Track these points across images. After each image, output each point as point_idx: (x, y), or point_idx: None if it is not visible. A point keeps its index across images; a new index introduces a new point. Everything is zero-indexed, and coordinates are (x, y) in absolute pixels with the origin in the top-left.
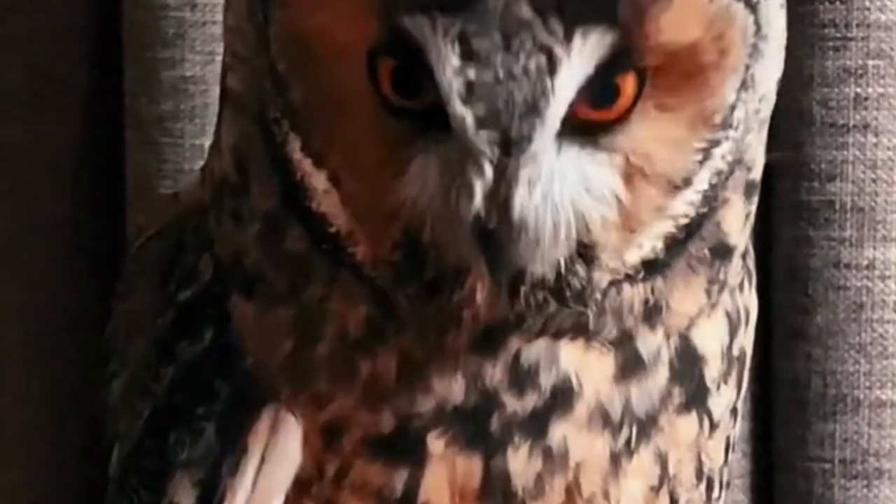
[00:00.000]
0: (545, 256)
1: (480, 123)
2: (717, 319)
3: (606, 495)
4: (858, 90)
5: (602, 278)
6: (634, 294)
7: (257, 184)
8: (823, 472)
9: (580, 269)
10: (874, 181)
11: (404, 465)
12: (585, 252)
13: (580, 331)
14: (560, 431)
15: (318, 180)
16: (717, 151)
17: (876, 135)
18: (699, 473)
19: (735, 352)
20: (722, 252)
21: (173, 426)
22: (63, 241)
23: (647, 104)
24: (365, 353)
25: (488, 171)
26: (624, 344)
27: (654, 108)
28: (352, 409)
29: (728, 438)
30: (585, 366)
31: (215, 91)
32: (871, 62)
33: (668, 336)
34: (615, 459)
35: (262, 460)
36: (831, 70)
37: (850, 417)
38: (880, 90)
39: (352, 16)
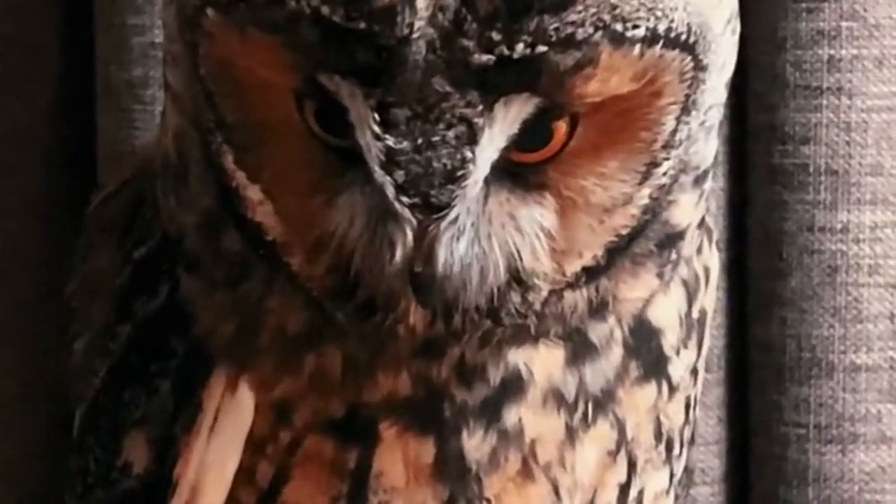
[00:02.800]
0: (475, 292)
1: (400, 189)
2: (674, 291)
3: (562, 462)
4: (832, 52)
5: (538, 297)
6: (577, 297)
7: (195, 179)
8: (798, 438)
9: (514, 294)
10: (848, 144)
11: (356, 445)
12: (519, 278)
13: (522, 336)
14: (514, 414)
15: (253, 191)
16: (659, 171)
17: (850, 97)
18: (658, 435)
19: (695, 315)
20: (671, 240)
21: (129, 384)
22: (37, 211)
23: (580, 142)
24: (308, 349)
25: (408, 232)
26: (573, 336)
27: (588, 144)
28: (300, 393)
29: (688, 398)
30: (534, 357)
31: None
32: (844, 24)
33: (619, 320)
34: (571, 431)
35: (217, 418)
36: (805, 32)
37: (825, 382)
38: (854, 52)
39: (273, 64)
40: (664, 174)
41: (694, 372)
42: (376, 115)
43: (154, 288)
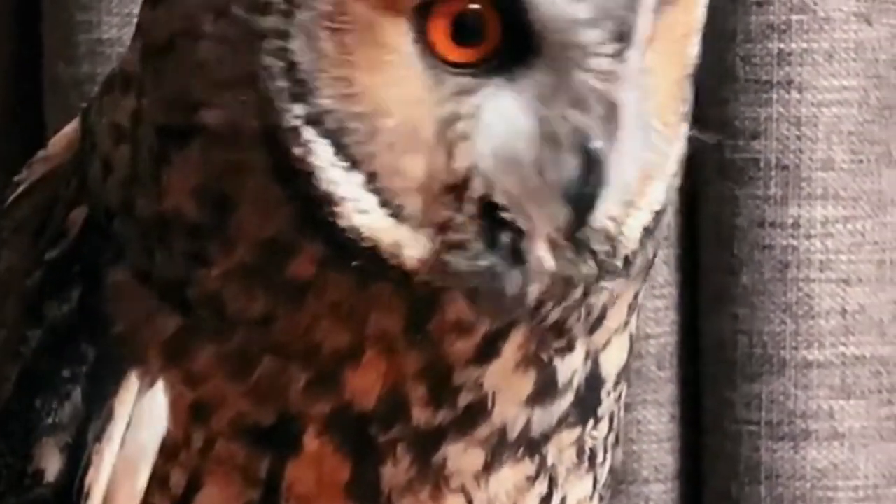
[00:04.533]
0: (619, 191)
1: (589, 23)
2: (622, 342)
3: (477, 485)
4: (782, 46)
5: (625, 250)
6: (603, 297)
7: (249, 214)
8: (750, 434)
9: (623, 228)
10: (798, 138)
11: (269, 453)
12: (626, 213)
13: (560, 331)
14: (451, 450)
15: (351, 187)
16: (682, 130)
17: (800, 91)
18: (580, 453)
19: (627, 368)
20: (649, 266)
21: (40, 390)
22: None
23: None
24: (262, 354)
25: (595, 81)
26: (543, 366)
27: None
28: (228, 395)
29: (612, 415)
30: (505, 387)
31: None
32: (794, 17)
33: (586, 358)
34: (490, 467)
35: (129, 425)
36: (754, 26)
37: (777, 378)
38: (804, 45)
39: None
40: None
41: (619, 396)
42: None
43: (66, 292)
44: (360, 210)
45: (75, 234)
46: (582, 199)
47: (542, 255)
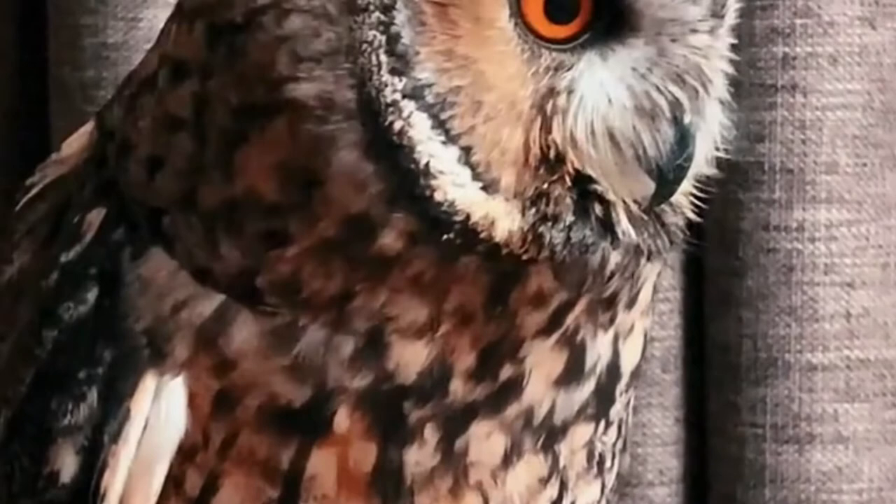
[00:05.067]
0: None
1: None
2: (638, 336)
3: (494, 482)
4: (786, 50)
5: (679, 220)
6: (649, 269)
7: (337, 190)
8: (755, 437)
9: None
10: (803, 142)
11: (296, 439)
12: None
13: (611, 303)
14: (475, 434)
15: (448, 161)
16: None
17: (804, 95)
18: (590, 457)
19: (639, 372)
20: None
21: (55, 391)
22: None
23: None
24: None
25: (697, 37)
26: (576, 346)
27: None
28: (261, 376)
29: (621, 420)
30: (541, 363)
31: (138, 58)
32: (798, 21)
33: (614, 342)
34: (507, 459)
35: (146, 426)
36: (759, 30)
37: (781, 382)
38: (808, 49)
39: None
40: None
41: (629, 402)
42: None
43: (82, 294)
44: (456, 184)
45: (92, 236)
46: (673, 172)
47: (627, 227)
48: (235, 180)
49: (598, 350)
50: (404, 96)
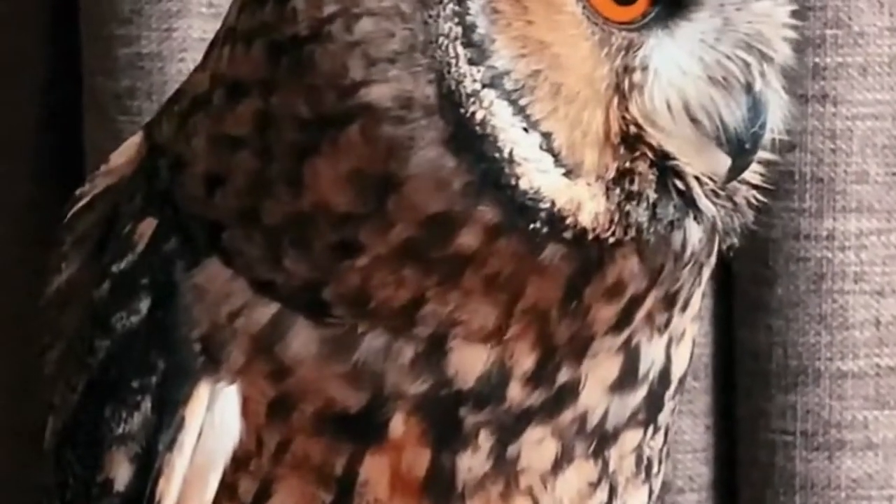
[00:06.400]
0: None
1: None
2: (688, 342)
3: (544, 487)
4: (817, 60)
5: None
6: (703, 274)
7: (416, 191)
8: (785, 445)
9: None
10: (833, 151)
11: (350, 444)
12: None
13: (672, 301)
14: (528, 439)
15: (530, 147)
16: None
17: (835, 104)
18: (639, 462)
19: (684, 381)
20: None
21: (109, 400)
22: (25, 222)
23: None
24: (385, 335)
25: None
26: (631, 351)
27: None
28: (318, 382)
29: (667, 427)
30: (597, 368)
31: (172, 68)
32: (829, 32)
33: (667, 347)
34: (558, 464)
35: (200, 434)
36: None
37: (812, 389)
38: (839, 59)
39: None
40: None
41: (674, 409)
42: None
43: (135, 303)
44: (540, 170)
45: (143, 246)
46: (750, 140)
47: (706, 202)
48: (303, 194)
49: (652, 355)
50: (484, 85)
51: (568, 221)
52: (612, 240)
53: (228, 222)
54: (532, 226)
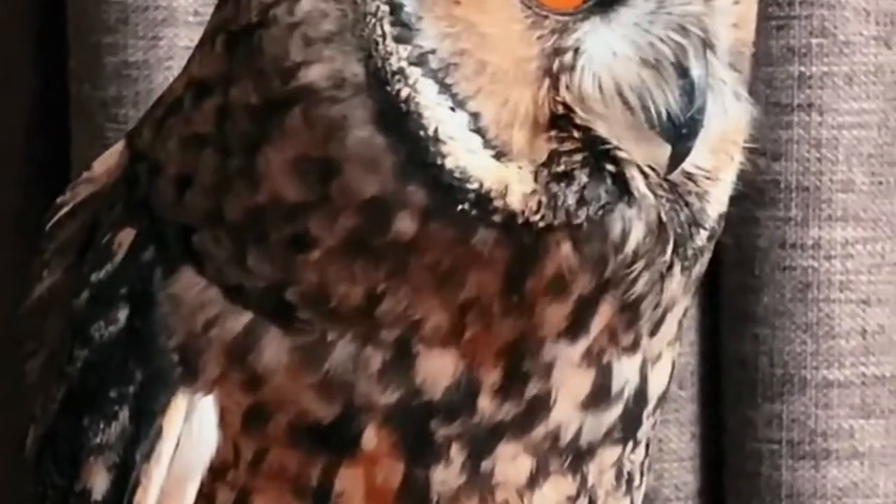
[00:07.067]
0: (710, 134)
1: None
2: (667, 363)
3: (521, 500)
4: (802, 69)
5: (709, 221)
6: (673, 290)
7: (352, 174)
8: (771, 453)
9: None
10: (819, 160)
11: (324, 456)
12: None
13: (634, 317)
14: (501, 455)
15: (457, 127)
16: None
17: (820, 114)
18: (619, 476)
19: (665, 397)
20: (699, 283)
21: (87, 409)
22: (10, 229)
23: None
24: (353, 342)
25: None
26: (602, 367)
27: None
28: (291, 392)
29: (648, 440)
30: (568, 381)
31: (158, 76)
32: (814, 41)
33: (642, 367)
34: (533, 480)
35: (178, 445)
36: (775, 49)
37: (798, 398)
38: (824, 69)
39: None
40: None
41: (654, 424)
42: None
43: (113, 313)
44: (467, 150)
45: (122, 256)
46: (686, 126)
47: (644, 189)
48: (259, 187)
49: (626, 374)
50: (410, 63)
51: (496, 203)
52: (541, 224)
53: (197, 224)
54: (460, 207)
